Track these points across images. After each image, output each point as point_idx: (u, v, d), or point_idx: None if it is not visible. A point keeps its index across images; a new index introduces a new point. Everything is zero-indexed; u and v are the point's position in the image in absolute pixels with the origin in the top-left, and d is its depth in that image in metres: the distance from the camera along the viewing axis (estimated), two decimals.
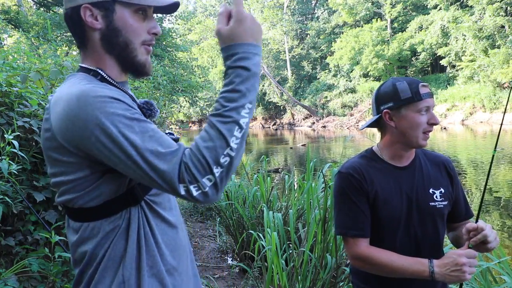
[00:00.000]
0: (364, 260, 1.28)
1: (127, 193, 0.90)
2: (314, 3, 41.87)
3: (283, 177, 6.28)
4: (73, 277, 2.23)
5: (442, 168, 1.39)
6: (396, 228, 1.30)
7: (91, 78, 0.93)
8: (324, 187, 3.17)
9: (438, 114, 25.46)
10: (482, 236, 1.14)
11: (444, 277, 1.14)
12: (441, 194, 1.33)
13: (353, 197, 1.31)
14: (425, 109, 1.27)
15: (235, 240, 3.95)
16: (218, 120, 0.81)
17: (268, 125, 40.72)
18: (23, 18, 11.44)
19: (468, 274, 1.12)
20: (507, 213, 6.04)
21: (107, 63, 0.95)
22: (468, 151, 12.76)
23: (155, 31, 0.97)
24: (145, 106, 0.98)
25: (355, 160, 1.39)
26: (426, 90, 1.28)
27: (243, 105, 0.82)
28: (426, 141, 1.29)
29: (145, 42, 0.96)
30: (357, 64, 31.44)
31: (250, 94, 0.84)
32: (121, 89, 0.94)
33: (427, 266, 1.17)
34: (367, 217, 1.31)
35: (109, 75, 0.95)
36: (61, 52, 5.80)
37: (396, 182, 1.32)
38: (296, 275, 2.69)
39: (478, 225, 1.16)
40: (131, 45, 0.94)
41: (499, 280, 2.43)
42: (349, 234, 1.31)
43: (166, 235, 0.96)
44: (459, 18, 25.69)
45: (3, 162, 1.86)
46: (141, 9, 0.95)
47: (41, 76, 2.31)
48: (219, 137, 0.79)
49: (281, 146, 19.55)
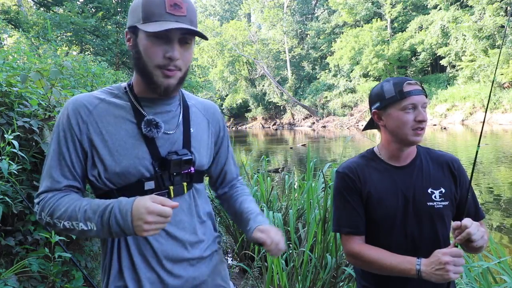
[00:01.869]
0: (355, 256, 1.31)
1: (105, 194, 1.07)
2: (314, 3, 41.87)
3: (283, 177, 6.28)
4: (73, 277, 2.23)
5: (445, 167, 1.36)
6: (391, 227, 1.31)
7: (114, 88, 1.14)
8: (324, 187, 3.17)
9: (438, 114, 25.51)
10: (466, 234, 1.12)
11: (430, 276, 1.14)
12: (441, 194, 1.31)
13: (347, 196, 1.35)
14: (410, 107, 1.27)
15: (235, 240, 3.96)
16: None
17: (268, 125, 40.72)
18: (23, 18, 11.44)
19: (452, 273, 1.11)
20: (507, 213, 6.04)
21: (136, 79, 1.12)
22: (468, 151, 12.75)
23: (169, 55, 1.01)
24: (145, 125, 1.06)
25: (353, 160, 1.41)
26: (411, 88, 1.28)
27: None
28: (418, 137, 1.28)
29: (160, 66, 1.02)
30: (357, 64, 31.44)
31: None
32: (133, 102, 1.10)
33: (414, 264, 1.18)
34: (361, 216, 1.34)
35: (136, 90, 1.12)
36: (61, 52, 5.80)
37: (393, 181, 1.33)
38: (296, 275, 2.69)
39: (462, 223, 1.14)
40: (146, 68, 1.03)
41: (499, 280, 2.43)
42: (342, 231, 1.36)
43: (136, 240, 1.08)
44: (459, 18, 25.69)
45: (3, 162, 1.86)
46: (156, 35, 0.99)
47: (41, 76, 2.31)
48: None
49: (281, 146, 19.55)
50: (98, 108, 1.06)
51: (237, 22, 40.74)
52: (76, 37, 12.02)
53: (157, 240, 1.09)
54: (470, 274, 2.25)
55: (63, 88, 2.96)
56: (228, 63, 41.74)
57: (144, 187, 1.06)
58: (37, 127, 2.21)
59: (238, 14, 49.72)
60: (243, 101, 43.75)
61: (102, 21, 12.57)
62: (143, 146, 1.06)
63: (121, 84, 1.15)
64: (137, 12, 1.02)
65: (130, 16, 1.05)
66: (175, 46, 1.02)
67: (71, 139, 1.05)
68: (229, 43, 38.97)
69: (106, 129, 1.05)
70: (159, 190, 1.08)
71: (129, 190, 1.05)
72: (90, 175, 1.07)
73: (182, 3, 1.01)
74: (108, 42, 12.14)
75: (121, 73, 8.48)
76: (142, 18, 1.00)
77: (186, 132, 1.15)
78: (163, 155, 1.09)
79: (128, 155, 1.05)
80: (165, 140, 1.10)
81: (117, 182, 1.05)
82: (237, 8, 50.68)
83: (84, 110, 1.05)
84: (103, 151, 1.04)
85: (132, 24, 1.04)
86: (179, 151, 1.10)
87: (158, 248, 1.09)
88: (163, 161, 1.08)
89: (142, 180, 1.06)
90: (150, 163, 1.07)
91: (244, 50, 39.82)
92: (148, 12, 0.99)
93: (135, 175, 1.05)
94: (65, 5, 11.51)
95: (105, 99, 1.09)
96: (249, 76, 42.48)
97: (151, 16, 0.99)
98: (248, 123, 44.89)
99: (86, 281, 2.19)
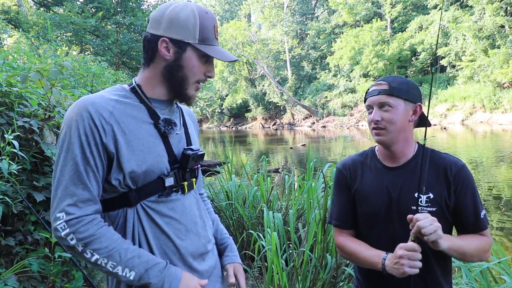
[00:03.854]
0: (340, 248, 1.41)
1: (122, 196, 1.07)
2: (314, 3, 41.87)
3: (283, 177, 6.28)
4: (73, 277, 2.23)
5: (440, 172, 1.29)
6: (372, 225, 1.34)
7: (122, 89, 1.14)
8: (324, 187, 3.17)
9: (438, 114, 25.50)
10: (417, 227, 1.12)
11: (391, 270, 1.17)
12: (428, 199, 1.27)
13: (339, 191, 1.44)
14: (369, 108, 1.34)
15: (235, 240, 3.95)
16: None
17: (268, 125, 40.70)
18: (23, 18, 11.45)
19: (407, 267, 1.12)
20: (507, 213, 6.04)
21: (156, 84, 1.14)
22: (468, 151, 12.75)
23: (210, 74, 1.16)
24: (161, 122, 1.11)
25: (352, 156, 1.47)
26: (371, 89, 1.34)
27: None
28: (376, 136, 1.31)
29: (198, 81, 1.15)
30: (357, 64, 31.43)
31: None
32: (147, 103, 1.12)
33: (381, 258, 1.20)
34: (348, 211, 1.41)
35: (146, 91, 1.13)
36: (61, 52, 5.80)
37: (381, 181, 1.34)
38: (296, 275, 2.69)
39: (414, 216, 1.15)
40: (186, 81, 1.12)
41: (499, 280, 2.43)
42: (332, 223, 1.46)
43: (158, 240, 1.10)
44: (459, 18, 25.68)
45: (3, 162, 1.86)
46: (206, 55, 1.11)
47: (41, 76, 2.31)
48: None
49: (281, 146, 19.54)
50: (116, 109, 1.06)
51: (237, 22, 40.72)
52: (76, 37, 12.03)
53: (179, 237, 1.13)
54: (470, 274, 2.24)
55: (63, 88, 2.96)
56: (228, 63, 41.62)
57: (165, 183, 1.11)
58: (37, 127, 2.21)
59: (238, 14, 49.68)
60: (243, 101, 43.73)
61: (102, 21, 12.57)
62: (161, 144, 1.11)
63: (122, 86, 1.15)
64: (190, 29, 1.09)
65: (175, 28, 1.08)
66: (213, 67, 1.16)
67: (94, 143, 1.01)
68: (229, 43, 38.94)
69: (129, 129, 1.06)
70: (177, 186, 1.14)
71: (149, 188, 1.09)
72: (113, 180, 1.04)
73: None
74: (108, 42, 12.14)
75: (121, 73, 8.48)
76: (198, 39, 1.09)
77: (187, 132, 1.25)
78: (176, 152, 1.15)
79: (151, 153, 1.08)
80: (175, 138, 1.16)
81: (140, 181, 1.07)
82: (237, 8, 50.65)
83: (105, 111, 1.04)
84: (128, 151, 1.04)
85: (183, 39, 1.08)
86: (193, 147, 1.20)
87: (180, 245, 1.12)
88: (183, 156, 1.15)
89: (162, 177, 1.10)
90: (167, 160, 1.12)
91: (244, 50, 39.80)
92: (204, 34, 1.10)
93: (157, 172, 1.10)
94: (65, 5, 11.52)
95: (119, 100, 1.09)
96: (249, 76, 42.46)
97: (206, 40, 1.11)
98: (248, 123, 44.88)
99: (86, 281, 2.20)
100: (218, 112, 47.86)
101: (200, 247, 1.18)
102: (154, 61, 1.12)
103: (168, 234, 1.10)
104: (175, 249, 1.12)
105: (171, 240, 1.11)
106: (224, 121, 49.43)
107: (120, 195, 1.07)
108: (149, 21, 1.14)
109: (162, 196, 1.11)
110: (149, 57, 1.12)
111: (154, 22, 1.11)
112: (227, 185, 4.25)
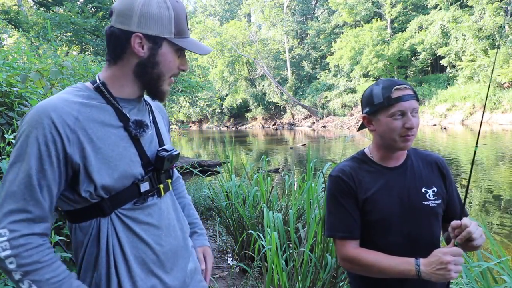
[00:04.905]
0: (351, 261, 1.29)
1: (94, 206, 0.99)
2: (314, 3, 41.87)
3: (283, 177, 6.28)
4: None
5: (434, 166, 1.38)
6: (387, 229, 1.29)
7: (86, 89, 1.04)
8: (324, 187, 3.17)
9: (438, 114, 25.50)
10: (466, 233, 1.12)
11: (430, 275, 1.14)
12: (434, 193, 1.32)
13: (342, 200, 1.32)
14: (399, 113, 1.25)
15: (235, 240, 3.95)
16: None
17: (268, 125, 40.69)
18: (23, 18, 11.43)
19: (453, 272, 1.11)
20: (507, 213, 6.04)
21: (125, 83, 1.05)
22: (468, 151, 12.75)
23: (183, 68, 1.10)
24: (131, 125, 1.04)
25: (345, 163, 1.40)
26: (400, 94, 1.25)
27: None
28: (407, 143, 1.27)
29: (173, 75, 1.09)
30: (357, 64, 31.42)
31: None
32: (114, 104, 1.03)
33: (414, 265, 1.17)
34: (355, 219, 1.31)
35: (113, 90, 1.04)
36: (61, 52, 5.80)
37: (387, 183, 1.32)
38: (296, 275, 2.69)
39: (462, 222, 1.15)
40: (162, 77, 1.06)
41: (499, 280, 2.43)
42: (337, 236, 1.33)
43: (136, 249, 1.03)
44: (459, 18, 25.69)
45: (3, 162, 1.86)
46: (181, 49, 1.06)
47: (41, 76, 2.31)
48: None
49: (281, 146, 19.54)
50: (82, 113, 0.96)
51: (237, 22, 40.72)
52: (76, 37, 12.01)
53: (159, 243, 1.07)
54: (470, 274, 2.25)
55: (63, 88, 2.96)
56: (228, 63, 41.72)
57: (140, 189, 1.04)
58: None
59: (238, 14, 49.68)
60: (243, 101, 43.73)
61: (102, 21, 12.56)
62: (132, 147, 1.04)
63: (85, 85, 1.05)
64: (165, 23, 1.00)
65: (149, 22, 0.99)
66: (186, 59, 1.10)
67: (56, 154, 0.91)
68: (229, 43, 38.95)
69: (96, 135, 0.97)
70: (152, 191, 1.07)
71: (123, 195, 1.01)
72: (83, 192, 0.95)
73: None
74: None
75: None
76: (174, 33, 1.02)
77: (157, 130, 1.16)
78: (149, 154, 1.08)
79: (123, 159, 1.00)
80: (146, 139, 1.09)
81: (113, 190, 0.99)
82: (237, 8, 50.64)
83: (70, 118, 0.93)
84: (97, 160, 0.96)
85: (158, 35, 1.00)
86: (167, 148, 1.12)
87: (160, 251, 1.07)
88: (158, 158, 1.08)
89: (137, 183, 1.03)
90: (140, 164, 1.05)
91: (244, 50, 39.80)
92: (179, 28, 1.03)
93: (131, 179, 1.02)
94: (65, 5, 11.51)
95: (83, 102, 0.98)
96: (249, 76, 42.47)
97: (182, 32, 1.04)
98: (248, 123, 44.88)
99: None
100: (218, 112, 47.85)
101: (182, 248, 1.16)
102: (123, 58, 1.03)
103: (147, 242, 1.04)
104: (155, 257, 1.06)
105: (151, 247, 1.05)
106: (224, 121, 49.43)
107: (92, 205, 0.98)
108: (114, 14, 1.01)
109: (137, 203, 1.03)
110: (117, 54, 1.02)
111: (122, 16, 0.99)
112: (227, 185, 4.25)
